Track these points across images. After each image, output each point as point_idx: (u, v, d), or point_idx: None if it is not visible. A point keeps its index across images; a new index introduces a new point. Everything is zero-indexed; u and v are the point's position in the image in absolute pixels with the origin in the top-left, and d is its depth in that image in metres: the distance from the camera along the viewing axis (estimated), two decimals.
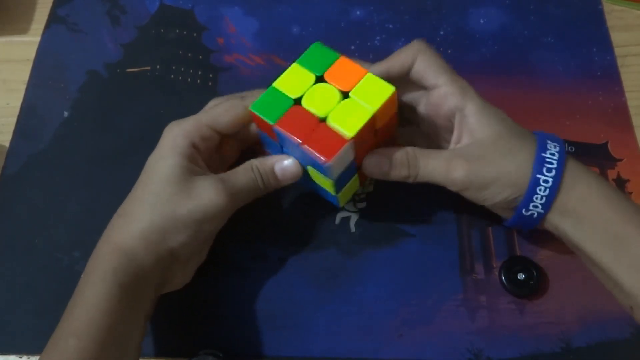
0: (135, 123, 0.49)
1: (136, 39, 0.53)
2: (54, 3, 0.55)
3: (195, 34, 0.53)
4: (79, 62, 0.52)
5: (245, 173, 0.38)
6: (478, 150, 0.36)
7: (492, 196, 0.36)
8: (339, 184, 0.38)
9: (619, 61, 0.51)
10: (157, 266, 0.35)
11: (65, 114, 0.49)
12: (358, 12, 0.54)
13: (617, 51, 0.52)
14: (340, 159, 0.35)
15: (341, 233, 0.44)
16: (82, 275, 0.35)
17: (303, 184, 0.40)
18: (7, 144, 0.48)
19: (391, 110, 0.38)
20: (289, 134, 0.35)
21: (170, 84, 0.51)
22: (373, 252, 0.43)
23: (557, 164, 0.35)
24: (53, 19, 0.54)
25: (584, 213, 0.35)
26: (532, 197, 0.35)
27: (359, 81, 0.36)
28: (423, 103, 0.40)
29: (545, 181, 0.35)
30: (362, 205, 0.45)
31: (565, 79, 0.51)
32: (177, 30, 0.53)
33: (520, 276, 0.41)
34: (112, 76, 0.51)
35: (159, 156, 0.38)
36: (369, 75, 0.36)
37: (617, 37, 0.53)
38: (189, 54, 0.52)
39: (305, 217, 0.45)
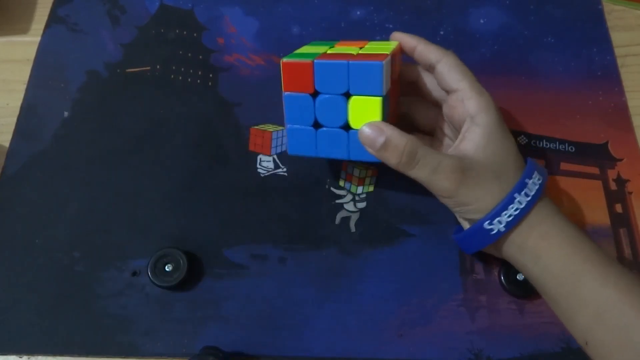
0: (135, 123, 0.49)
1: (136, 39, 0.53)
2: (54, 3, 0.55)
3: (195, 34, 0.53)
4: (79, 62, 0.52)
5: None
6: (473, 167, 0.36)
7: (466, 212, 0.37)
8: (386, 105, 0.37)
9: (619, 61, 0.51)
10: None
11: (65, 114, 0.49)
12: (358, 12, 0.54)
13: (617, 51, 0.52)
14: (388, 66, 0.36)
15: (341, 233, 0.44)
16: None
17: (324, 149, 0.39)
18: (7, 144, 0.48)
19: (399, 66, 0.41)
20: (334, 60, 0.36)
21: (170, 84, 0.51)
22: (373, 252, 0.43)
23: (535, 192, 0.36)
24: (53, 19, 0.54)
25: (544, 250, 0.35)
26: (501, 213, 0.36)
27: (365, 45, 0.40)
28: (443, 106, 0.41)
29: (520, 202, 0.35)
30: (362, 205, 0.45)
31: (565, 79, 0.51)
32: (177, 30, 0.53)
33: (520, 276, 0.41)
34: (112, 76, 0.51)
35: None
36: (372, 42, 0.41)
37: (617, 37, 0.53)
38: (189, 54, 0.52)
39: (305, 217, 0.45)
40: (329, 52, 0.39)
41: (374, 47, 0.39)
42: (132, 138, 0.48)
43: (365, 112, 0.37)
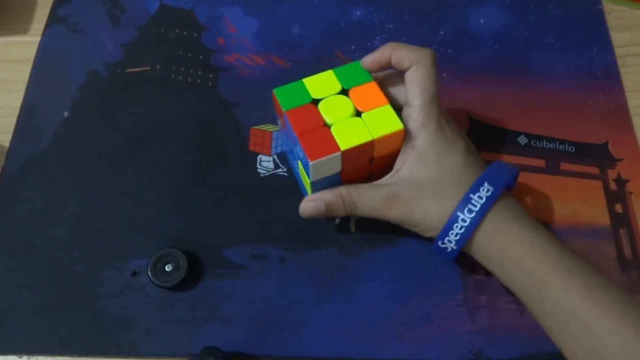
0: (135, 123, 0.49)
1: (136, 39, 0.53)
2: (54, 3, 0.55)
3: (195, 34, 0.53)
4: (79, 62, 0.52)
5: None
6: (410, 190, 0.37)
7: (423, 231, 0.38)
8: (316, 187, 0.39)
9: (619, 61, 0.51)
10: None
11: (65, 114, 0.49)
12: (358, 12, 0.54)
13: (617, 51, 0.52)
14: (324, 165, 0.36)
15: (341, 233, 0.44)
16: None
17: (294, 172, 0.43)
18: (7, 144, 0.48)
19: (394, 146, 0.39)
20: (292, 123, 0.37)
21: (170, 84, 0.51)
22: (373, 252, 0.43)
23: (480, 207, 0.35)
24: (53, 19, 0.54)
25: (506, 261, 0.36)
26: (447, 233, 0.36)
27: (376, 108, 0.38)
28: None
29: (463, 220, 0.36)
30: None
31: (565, 79, 0.51)
32: (177, 30, 0.53)
33: None
34: (112, 76, 0.51)
35: None
36: (388, 106, 0.38)
37: (617, 37, 0.53)
38: (189, 54, 0.52)
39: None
40: (321, 103, 0.38)
41: (364, 123, 0.37)
42: (132, 138, 0.48)
43: (304, 179, 0.40)
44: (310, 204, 0.39)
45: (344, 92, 0.39)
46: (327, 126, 0.37)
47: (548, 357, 0.40)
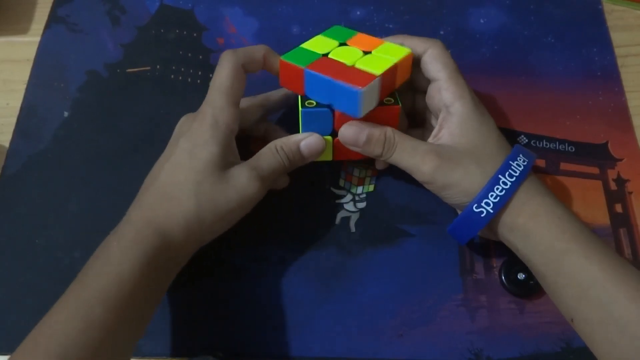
0: (135, 123, 0.49)
1: (136, 39, 0.53)
2: (54, 3, 0.55)
3: (195, 34, 0.53)
4: (79, 62, 0.52)
5: (270, 155, 0.39)
6: (451, 152, 0.37)
7: (451, 196, 0.38)
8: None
9: (619, 61, 0.51)
10: (190, 253, 0.38)
11: (65, 114, 0.49)
12: (358, 12, 0.54)
13: (617, 51, 0.52)
14: (371, 91, 0.36)
15: (341, 233, 0.44)
16: (111, 242, 0.36)
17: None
18: (7, 144, 0.48)
19: (406, 75, 0.40)
20: (319, 73, 0.37)
21: (170, 84, 0.51)
22: (373, 252, 0.43)
23: (520, 174, 0.37)
24: (53, 19, 0.54)
25: (532, 229, 0.36)
26: (487, 194, 0.36)
27: (378, 46, 0.40)
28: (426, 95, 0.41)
29: (504, 183, 0.36)
30: (362, 205, 0.45)
31: (565, 79, 0.51)
32: (177, 30, 0.53)
33: (520, 276, 0.41)
34: (112, 76, 0.51)
35: (201, 141, 0.38)
36: (386, 43, 0.40)
37: (617, 37, 0.53)
38: (189, 54, 0.52)
39: (305, 217, 0.45)
40: (330, 55, 0.39)
41: (379, 56, 0.39)
42: (132, 138, 0.48)
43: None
44: (353, 129, 0.39)
45: (343, 45, 0.40)
46: (350, 66, 0.38)
47: (548, 357, 0.40)
